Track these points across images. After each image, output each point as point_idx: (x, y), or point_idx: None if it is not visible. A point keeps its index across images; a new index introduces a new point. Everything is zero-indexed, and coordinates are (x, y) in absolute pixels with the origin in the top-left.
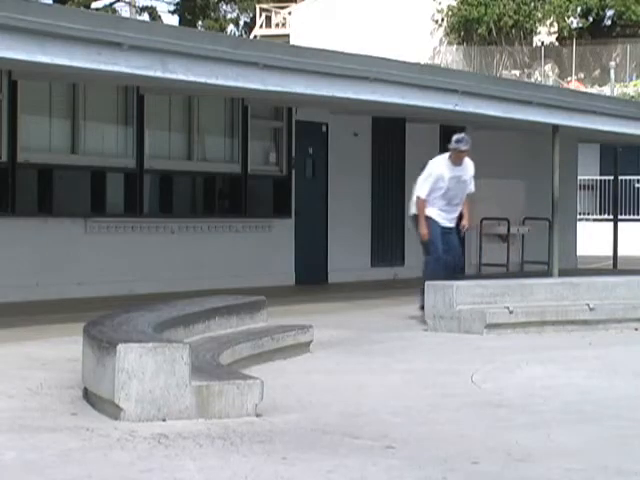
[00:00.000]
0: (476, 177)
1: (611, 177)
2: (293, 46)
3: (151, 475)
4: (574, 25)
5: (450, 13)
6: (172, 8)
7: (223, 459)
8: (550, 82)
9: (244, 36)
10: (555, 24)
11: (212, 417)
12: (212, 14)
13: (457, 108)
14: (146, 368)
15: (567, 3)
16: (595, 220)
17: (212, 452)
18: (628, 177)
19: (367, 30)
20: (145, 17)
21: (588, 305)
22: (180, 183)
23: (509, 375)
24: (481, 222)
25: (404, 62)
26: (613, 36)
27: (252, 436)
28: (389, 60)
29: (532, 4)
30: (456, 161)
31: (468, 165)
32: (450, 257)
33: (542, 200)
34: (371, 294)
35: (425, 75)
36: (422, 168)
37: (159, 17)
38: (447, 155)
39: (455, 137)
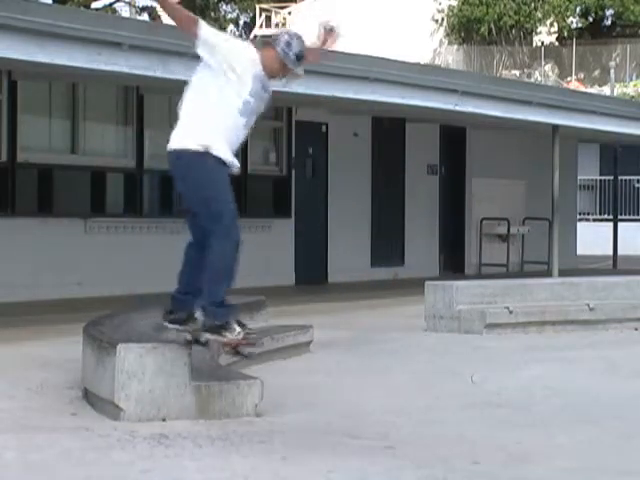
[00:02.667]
0: (476, 177)
1: (611, 177)
2: None
3: (151, 475)
4: (574, 25)
5: (450, 13)
6: None
7: (223, 459)
8: (550, 82)
9: (244, 36)
10: (555, 24)
11: (212, 417)
12: (212, 14)
13: (457, 108)
14: (146, 368)
15: (567, 3)
16: (595, 220)
17: (212, 452)
18: (628, 177)
19: (367, 30)
20: (145, 17)
21: (588, 305)
22: None
23: (509, 375)
24: (481, 222)
25: (404, 62)
26: (613, 36)
27: (252, 436)
28: (389, 60)
29: (532, 4)
30: (277, 75)
31: None
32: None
33: (542, 200)
34: (371, 294)
35: (425, 75)
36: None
37: (159, 17)
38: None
39: (297, 49)
